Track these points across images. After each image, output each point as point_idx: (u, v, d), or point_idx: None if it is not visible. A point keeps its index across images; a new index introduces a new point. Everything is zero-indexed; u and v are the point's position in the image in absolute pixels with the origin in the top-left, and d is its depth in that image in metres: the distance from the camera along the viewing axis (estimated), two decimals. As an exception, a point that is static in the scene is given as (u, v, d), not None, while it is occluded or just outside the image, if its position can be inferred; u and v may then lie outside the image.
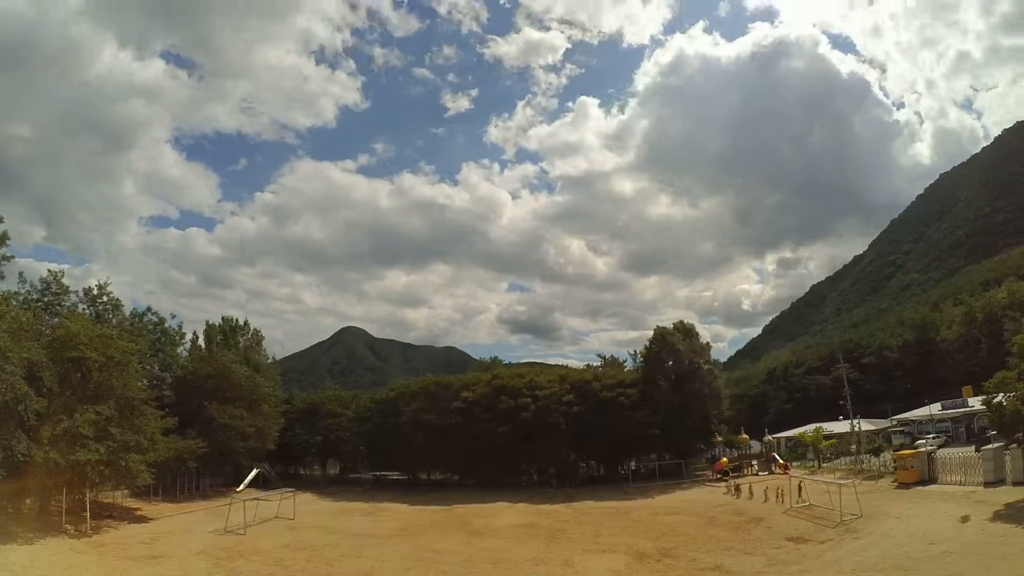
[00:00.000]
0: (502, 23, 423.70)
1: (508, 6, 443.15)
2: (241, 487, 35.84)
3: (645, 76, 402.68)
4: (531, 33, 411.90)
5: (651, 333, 55.20)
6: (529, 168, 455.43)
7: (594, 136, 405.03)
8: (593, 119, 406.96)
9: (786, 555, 20.27)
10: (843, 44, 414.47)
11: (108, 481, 30.35)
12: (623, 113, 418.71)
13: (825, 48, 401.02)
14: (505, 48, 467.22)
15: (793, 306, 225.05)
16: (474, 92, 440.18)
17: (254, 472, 43.16)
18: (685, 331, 54.32)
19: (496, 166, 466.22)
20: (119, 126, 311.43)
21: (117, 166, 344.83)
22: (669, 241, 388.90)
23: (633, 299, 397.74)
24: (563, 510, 35.39)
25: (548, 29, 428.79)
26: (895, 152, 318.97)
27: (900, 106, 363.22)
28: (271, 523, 30.35)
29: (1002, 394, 27.29)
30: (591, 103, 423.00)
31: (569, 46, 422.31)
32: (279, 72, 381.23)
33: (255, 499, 29.71)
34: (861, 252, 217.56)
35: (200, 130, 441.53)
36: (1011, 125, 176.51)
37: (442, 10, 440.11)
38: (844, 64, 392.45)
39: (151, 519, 31.44)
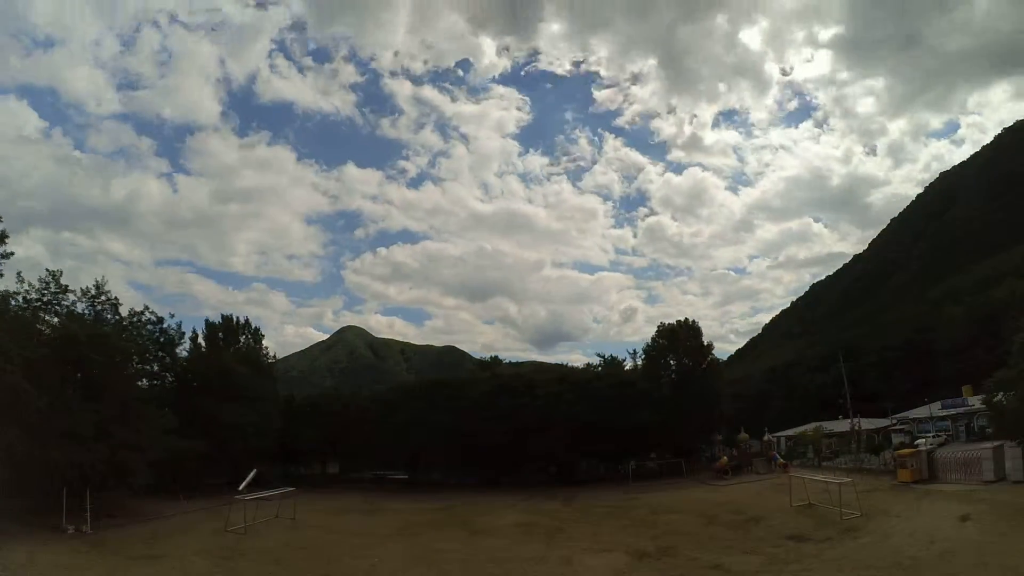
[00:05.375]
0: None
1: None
2: (241, 487, 35.78)
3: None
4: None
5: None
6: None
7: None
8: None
9: (786, 554, 20.25)
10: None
11: (108, 481, 30.30)
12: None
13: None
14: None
15: (793, 305, 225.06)
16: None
17: (253, 472, 43.03)
18: (689, 330, 54.38)
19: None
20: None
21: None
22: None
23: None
24: (563, 509, 35.38)
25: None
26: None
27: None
28: (271, 523, 30.35)
29: (1002, 393, 27.35)
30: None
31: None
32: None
33: (255, 499, 29.65)
34: (861, 251, 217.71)
35: None
36: (1011, 124, 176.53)
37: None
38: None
39: (151, 519, 31.42)
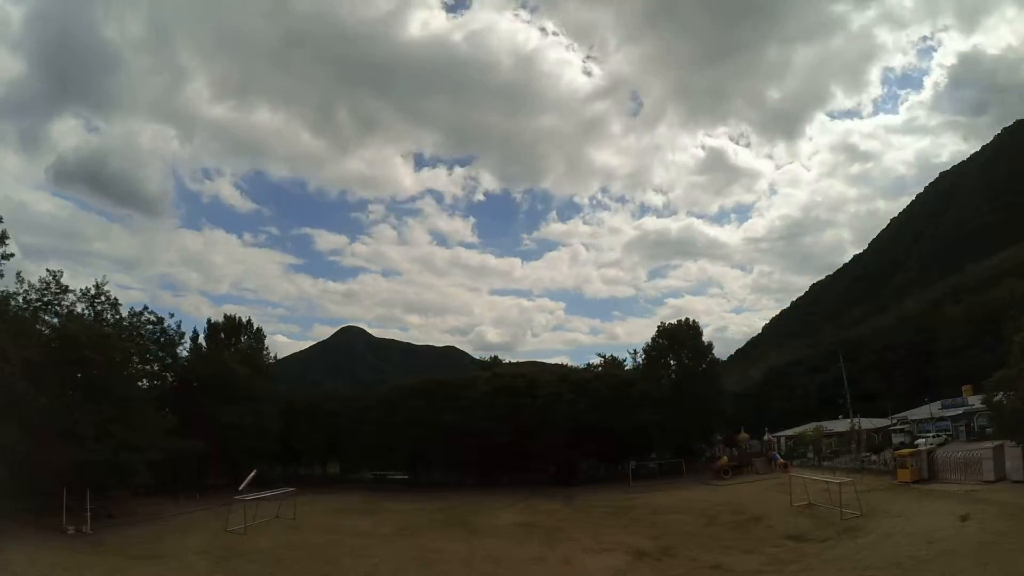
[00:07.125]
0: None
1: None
2: (241, 487, 35.79)
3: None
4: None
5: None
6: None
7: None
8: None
9: (786, 554, 20.25)
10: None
11: (108, 481, 30.31)
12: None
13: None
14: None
15: (793, 305, 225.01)
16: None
17: (253, 472, 42.86)
18: (689, 329, 54.42)
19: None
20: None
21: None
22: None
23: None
24: (563, 509, 35.37)
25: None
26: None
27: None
28: (271, 523, 30.31)
29: (1002, 393, 27.33)
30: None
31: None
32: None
33: (255, 499, 29.64)
34: (861, 251, 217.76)
35: None
36: (1011, 124, 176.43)
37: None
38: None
39: (151, 519, 31.41)
